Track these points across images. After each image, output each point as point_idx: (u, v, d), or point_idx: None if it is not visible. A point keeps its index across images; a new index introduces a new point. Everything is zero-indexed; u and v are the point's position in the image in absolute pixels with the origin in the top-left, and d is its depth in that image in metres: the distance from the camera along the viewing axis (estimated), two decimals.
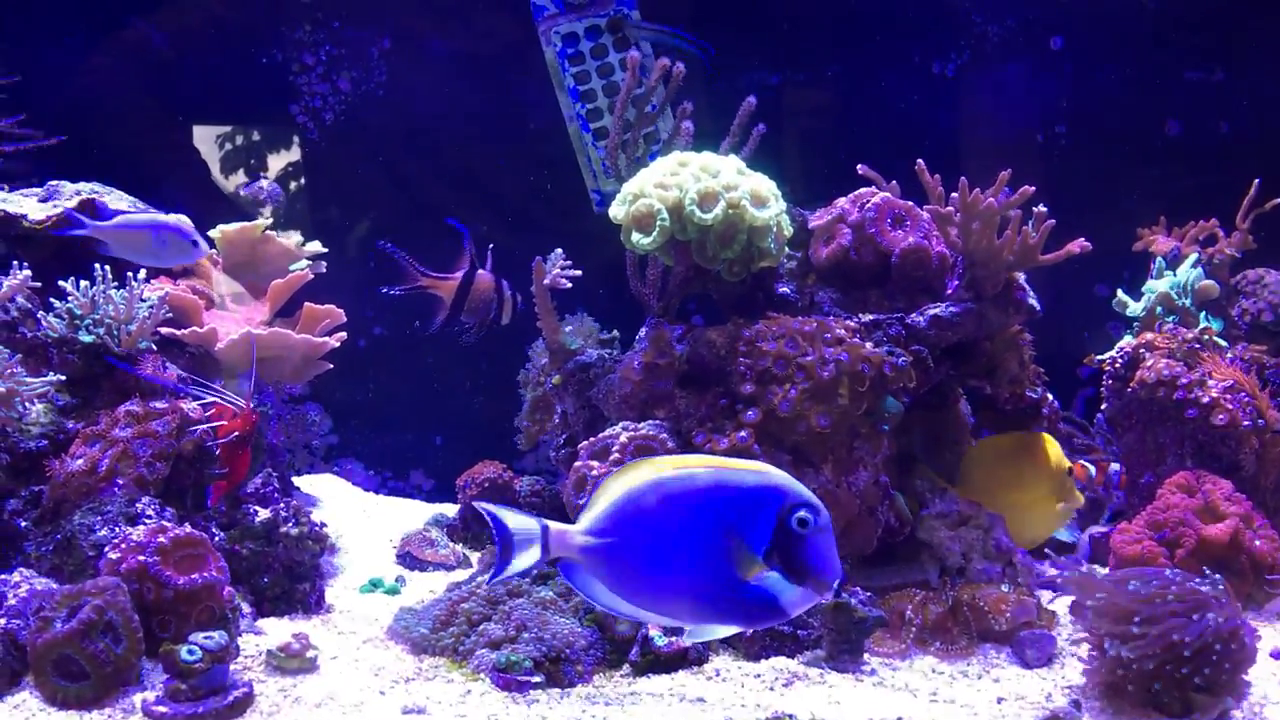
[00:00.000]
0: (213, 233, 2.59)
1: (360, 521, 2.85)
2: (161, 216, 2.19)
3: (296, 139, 3.28)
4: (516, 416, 2.82)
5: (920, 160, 2.22)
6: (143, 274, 2.14)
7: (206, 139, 3.28)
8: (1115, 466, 2.51)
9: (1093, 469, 2.40)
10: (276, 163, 3.32)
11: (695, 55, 2.59)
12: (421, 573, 2.48)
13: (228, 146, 3.34)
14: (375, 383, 3.36)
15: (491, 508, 1.62)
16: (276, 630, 1.96)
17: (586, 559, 1.59)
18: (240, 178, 3.24)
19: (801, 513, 1.53)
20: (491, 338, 2.48)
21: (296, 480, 2.96)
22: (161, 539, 1.75)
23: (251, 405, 2.08)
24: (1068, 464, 2.32)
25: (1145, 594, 1.73)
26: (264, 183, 3.12)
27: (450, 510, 2.82)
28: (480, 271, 2.38)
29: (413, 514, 2.93)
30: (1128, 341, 2.48)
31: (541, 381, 2.74)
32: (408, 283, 2.34)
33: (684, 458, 1.65)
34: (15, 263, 1.98)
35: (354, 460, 3.34)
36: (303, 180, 3.32)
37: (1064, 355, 2.84)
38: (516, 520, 1.59)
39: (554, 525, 1.60)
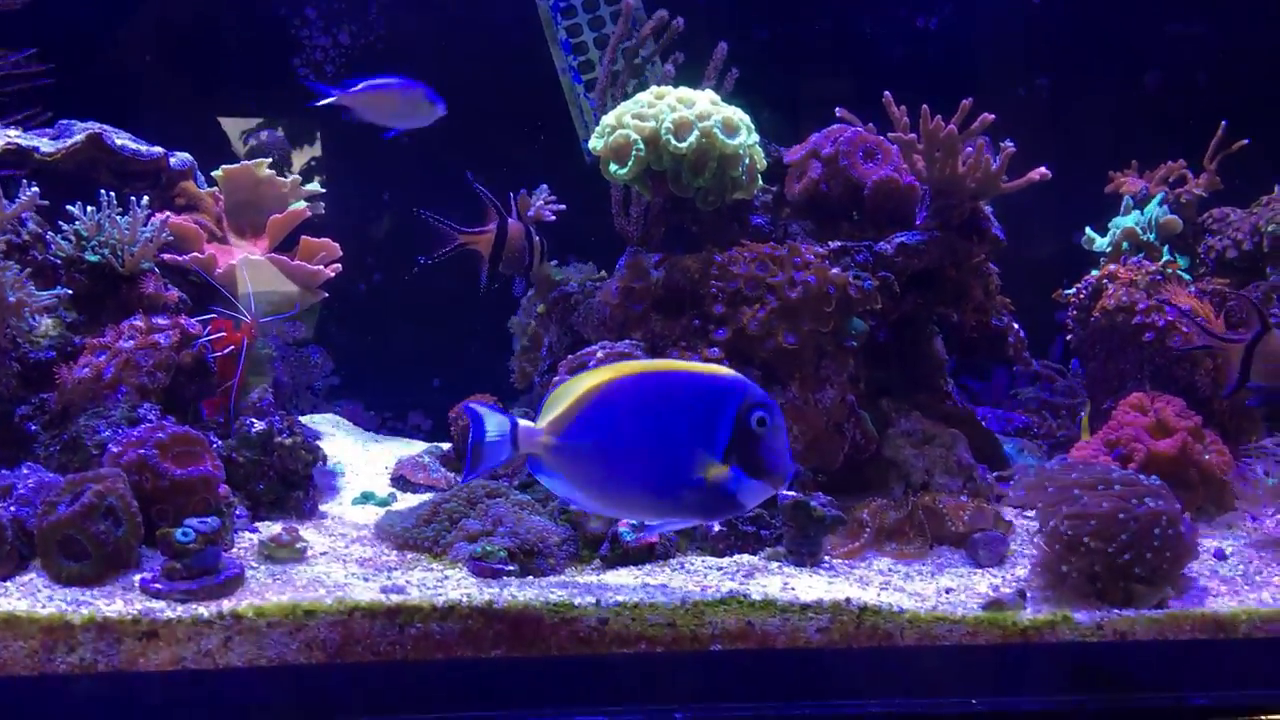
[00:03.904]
0: (215, 173, 2.70)
1: (359, 454, 2.96)
2: (400, 82, 2.29)
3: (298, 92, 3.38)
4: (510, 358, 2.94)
5: (887, 93, 2.31)
6: (145, 200, 2.26)
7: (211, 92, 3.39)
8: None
9: None
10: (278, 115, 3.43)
11: None
12: (414, 495, 2.59)
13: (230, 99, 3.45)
14: (375, 326, 3.47)
15: (473, 404, 1.74)
16: (271, 531, 2.07)
17: (552, 456, 1.70)
18: (242, 126, 3.35)
19: (759, 413, 1.63)
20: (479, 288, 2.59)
21: (301, 420, 3.07)
22: (160, 435, 1.87)
23: (250, 320, 2.20)
24: None
25: (1088, 479, 1.83)
26: (264, 135, 3.24)
27: (447, 446, 2.93)
28: (510, 220, 2.47)
29: (410, 449, 3.04)
30: (1092, 274, 2.57)
31: (529, 324, 2.85)
32: (446, 245, 2.44)
33: (646, 362, 1.76)
34: (25, 183, 2.10)
35: (354, 401, 3.45)
36: (305, 131, 3.43)
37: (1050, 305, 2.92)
38: (491, 417, 1.71)
39: (522, 422, 1.71)
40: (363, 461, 2.86)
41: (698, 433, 1.64)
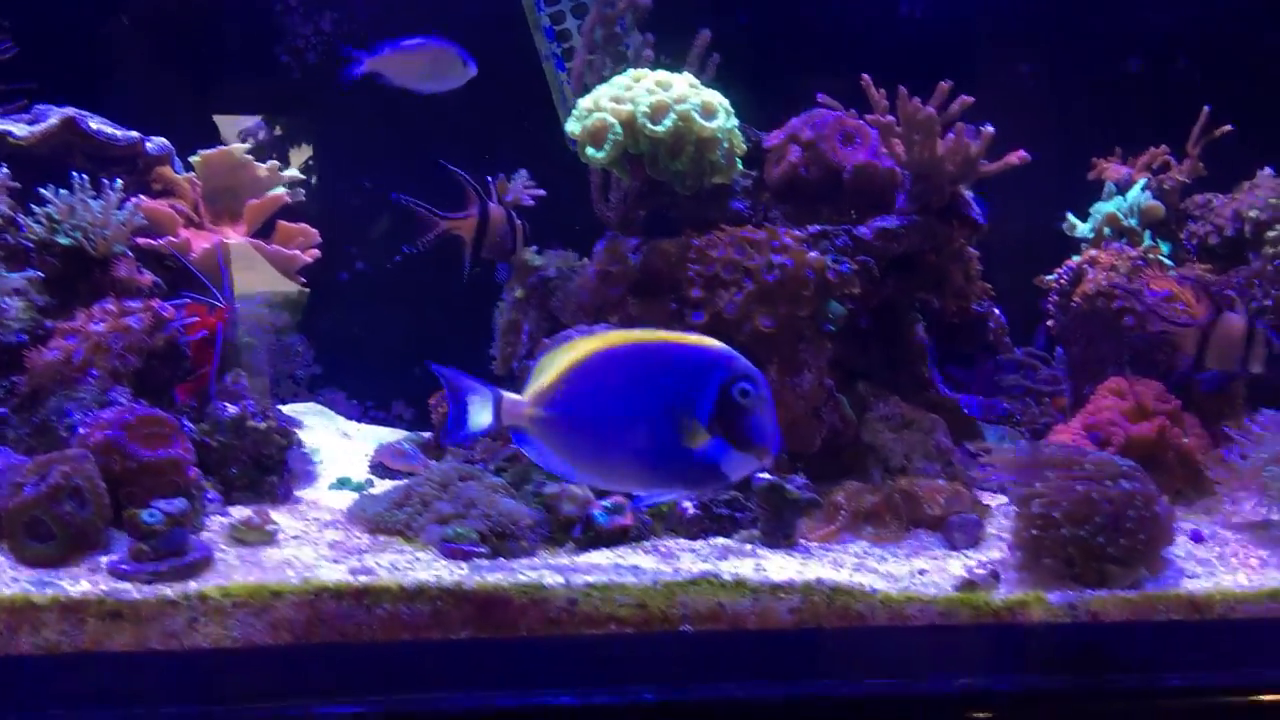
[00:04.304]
0: (193, 158, 2.68)
1: (339, 442, 2.95)
2: (427, 41, 2.21)
3: (280, 78, 3.37)
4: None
5: (866, 75, 2.30)
6: (119, 184, 2.24)
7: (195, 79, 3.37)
8: None
9: None
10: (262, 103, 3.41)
11: None
12: (393, 481, 2.58)
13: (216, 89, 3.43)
14: (358, 314, 3.45)
15: (452, 373, 1.71)
16: (242, 515, 2.06)
17: (537, 428, 1.68)
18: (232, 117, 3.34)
19: (744, 384, 1.62)
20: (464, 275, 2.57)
21: (281, 409, 3.06)
22: (128, 417, 1.86)
23: (224, 304, 2.18)
24: None
25: (1063, 459, 1.82)
26: (246, 123, 3.23)
27: (428, 435, 2.92)
28: (491, 205, 2.45)
29: (391, 437, 3.03)
30: (1074, 259, 2.56)
31: (509, 310, 2.83)
32: (429, 231, 2.41)
33: (632, 332, 1.74)
34: None
35: (337, 390, 3.44)
36: (287, 117, 3.41)
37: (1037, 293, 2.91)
38: (473, 387, 1.69)
39: (507, 394, 1.69)
40: (343, 449, 2.85)
41: (683, 403, 1.62)
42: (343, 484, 2.37)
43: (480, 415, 1.69)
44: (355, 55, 2.11)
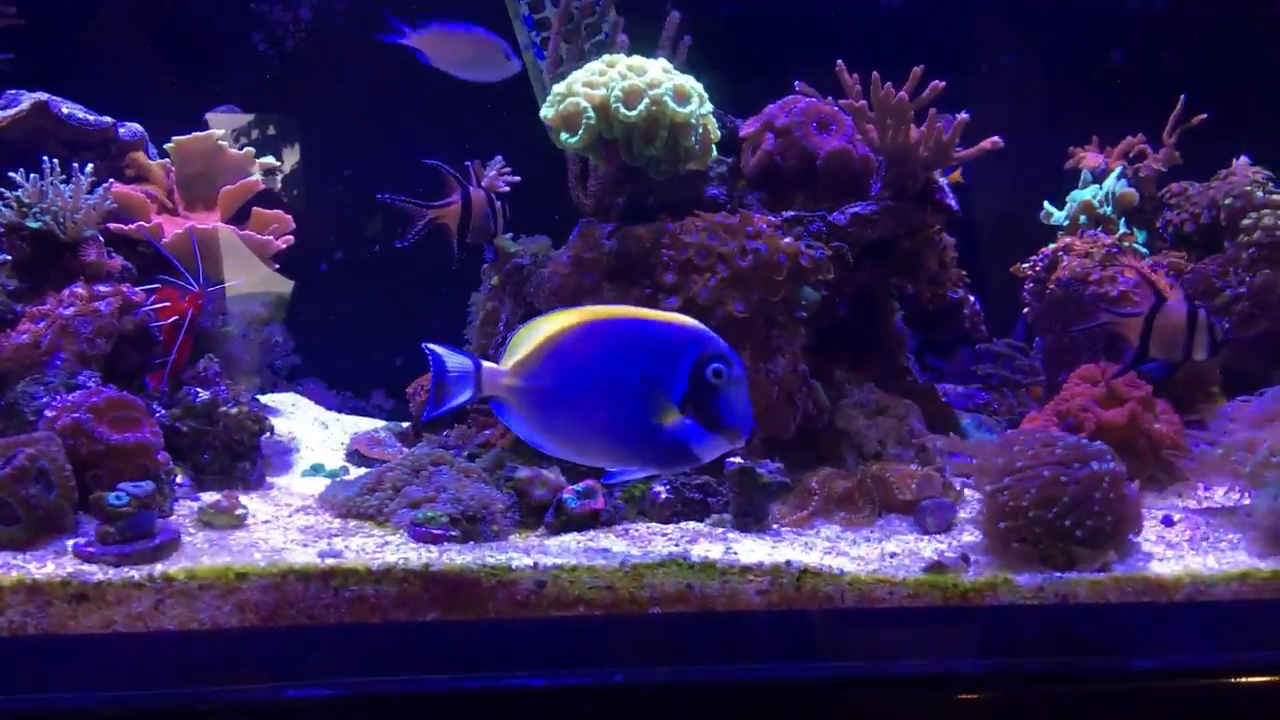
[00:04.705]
0: (167, 145, 2.67)
1: (317, 431, 2.94)
2: (474, 30, 2.17)
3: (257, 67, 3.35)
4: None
5: (840, 61, 2.30)
6: (90, 168, 2.23)
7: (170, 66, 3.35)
8: None
9: None
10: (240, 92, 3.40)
11: None
12: (368, 468, 2.57)
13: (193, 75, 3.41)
14: (337, 304, 3.44)
15: (435, 346, 1.71)
16: (215, 499, 2.05)
17: (516, 398, 1.69)
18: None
19: (716, 365, 1.62)
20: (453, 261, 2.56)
21: (260, 399, 3.05)
22: (95, 399, 1.85)
23: (196, 289, 2.17)
24: None
25: (1032, 449, 1.82)
26: (220, 110, 3.21)
27: (406, 424, 2.91)
28: (471, 189, 2.44)
29: (369, 427, 3.02)
30: (1049, 247, 2.56)
31: (484, 298, 2.82)
32: (415, 222, 2.39)
33: (611, 307, 1.74)
34: None
35: (316, 380, 3.42)
36: (265, 106, 3.40)
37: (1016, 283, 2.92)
38: (454, 359, 1.70)
39: (486, 364, 1.70)
40: (319, 438, 2.83)
41: (655, 381, 1.63)
42: (316, 470, 2.37)
43: (461, 387, 1.70)
44: (399, 26, 2.09)
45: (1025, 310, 2.60)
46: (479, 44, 2.14)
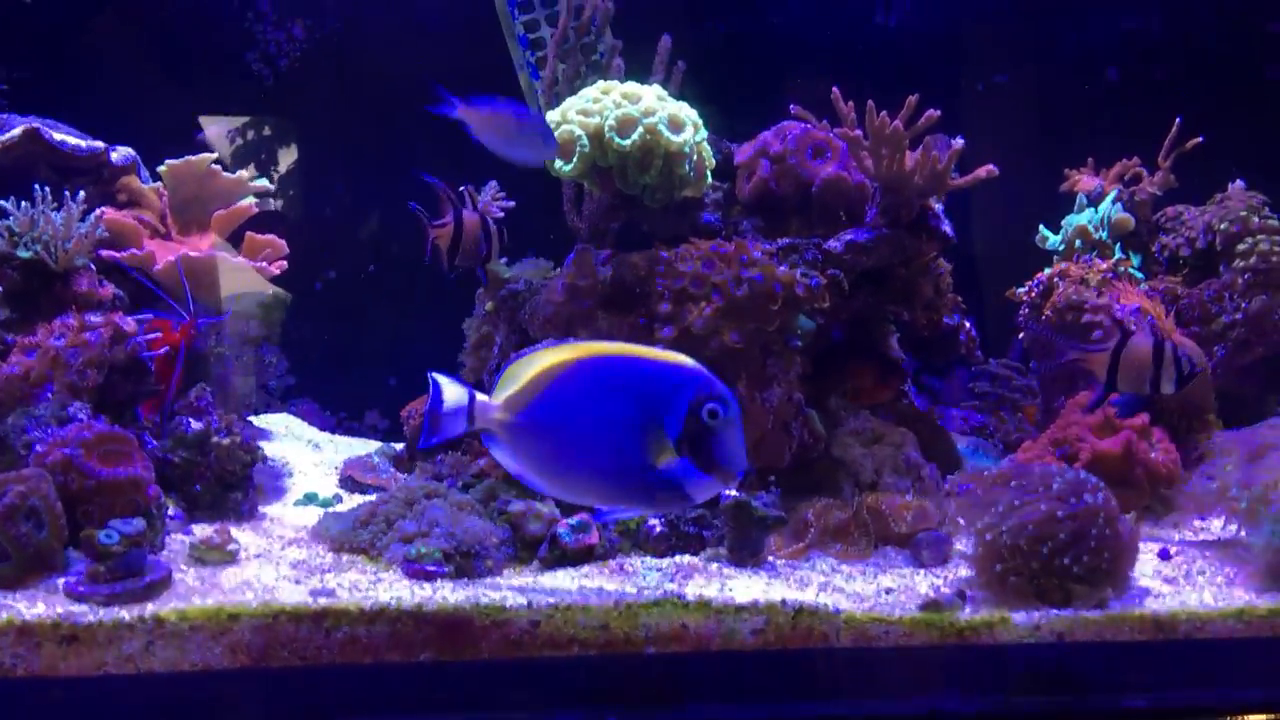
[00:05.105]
0: (160, 168, 2.65)
1: (310, 454, 2.93)
2: (521, 110, 2.18)
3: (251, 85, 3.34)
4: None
5: (835, 88, 2.29)
6: (81, 195, 2.22)
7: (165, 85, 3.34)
8: None
9: None
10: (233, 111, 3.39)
11: None
12: (362, 496, 2.56)
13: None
14: (331, 325, 3.43)
15: (438, 375, 1.69)
16: (204, 534, 2.04)
17: (507, 433, 1.67)
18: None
19: (712, 405, 1.60)
20: (446, 282, 2.55)
21: (253, 420, 3.03)
22: (86, 434, 1.83)
23: (188, 319, 2.16)
24: None
25: (1028, 484, 1.81)
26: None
27: (400, 447, 2.90)
28: (465, 212, 2.44)
29: (363, 449, 3.01)
30: (1045, 272, 2.56)
31: (479, 323, 2.81)
32: (426, 240, 2.39)
33: (607, 344, 1.72)
34: None
35: (310, 401, 3.41)
36: (258, 125, 3.39)
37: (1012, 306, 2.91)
38: (451, 390, 1.68)
39: (480, 396, 1.68)
40: (313, 462, 2.82)
41: (651, 421, 1.61)
42: (309, 499, 2.35)
43: (455, 418, 1.68)
44: (449, 98, 2.11)
45: (1021, 335, 2.59)
46: (521, 124, 2.15)
